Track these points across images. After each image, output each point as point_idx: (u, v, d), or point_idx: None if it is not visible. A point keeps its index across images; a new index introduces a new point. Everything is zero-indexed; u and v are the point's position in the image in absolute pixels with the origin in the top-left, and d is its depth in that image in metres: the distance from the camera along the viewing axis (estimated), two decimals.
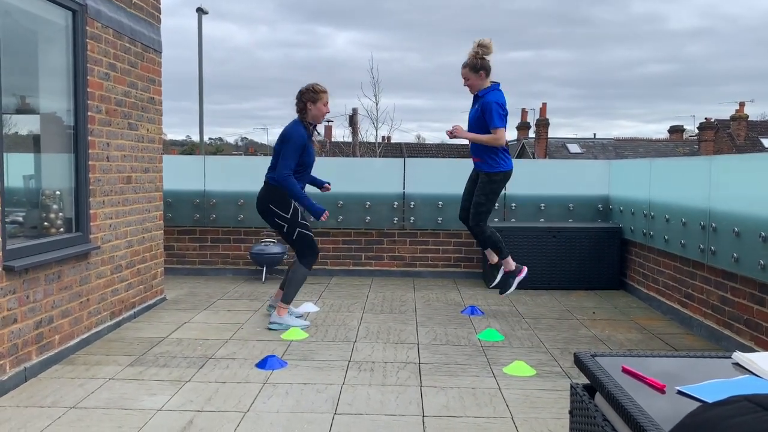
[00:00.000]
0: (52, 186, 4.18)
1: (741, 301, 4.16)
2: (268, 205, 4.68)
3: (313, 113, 4.70)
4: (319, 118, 4.76)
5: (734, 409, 0.80)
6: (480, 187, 4.82)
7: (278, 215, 4.67)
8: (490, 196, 4.82)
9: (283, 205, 4.65)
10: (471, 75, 4.69)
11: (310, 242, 4.75)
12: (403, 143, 39.67)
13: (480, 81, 4.69)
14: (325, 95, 4.72)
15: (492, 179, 4.78)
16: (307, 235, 4.73)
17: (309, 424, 2.98)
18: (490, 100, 4.62)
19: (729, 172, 4.35)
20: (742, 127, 31.82)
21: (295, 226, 4.68)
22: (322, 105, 4.70)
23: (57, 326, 3.90)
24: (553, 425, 3.00)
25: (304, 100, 4.68)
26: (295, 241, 4.72)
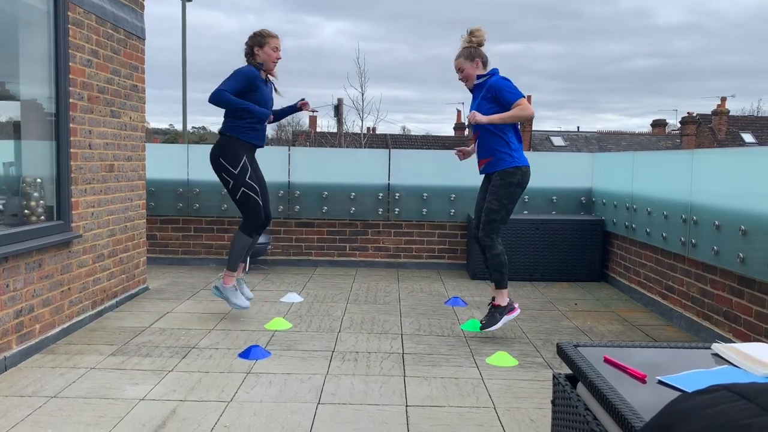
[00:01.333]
0: (32, 173, 4.13)
1: (720, 294, 4.22)
2: (218, 158, 4.40)
3: (261, 57, 4.40)
4: (269, 63, 4.43)
5: (714, 398, 0.81)
6: (492, 191, 4.15)
7: (226, 170, 4.38)
8: (504, 201, 4.13)
9: (234, 159, 4.36)
10: (466, 64, 4.25)
11: (255, 206, 4.44)
12: (388, 134, 39.63)
13: (476, 70, 4.25)
14: (273, 39, 4.41)
15: (506, 180, 4.12)
16: (252, 198, 4.42)
17: (292, 414, 2.98)
18: (495, 80, 4.17)
19: (711, 166, 4.40)
20: (724, 121, 32.19)
21: (240, 185, 4.38)
22: (270, 50, 4.39)
23: (38, 315, 3.86)
24: (535, 415, 3.03)
25: (250, 44, 4.41)
26: (239, 201, 4.44)
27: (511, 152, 4.14)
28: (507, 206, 4.16)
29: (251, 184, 4.41)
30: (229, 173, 4.38)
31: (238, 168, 4.37)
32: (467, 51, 4.26)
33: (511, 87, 4.13)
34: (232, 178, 4.38)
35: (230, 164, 4.37)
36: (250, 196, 4.42)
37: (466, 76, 4.29)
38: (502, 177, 4.13)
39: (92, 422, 2.85)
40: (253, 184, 4.43)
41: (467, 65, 4.26)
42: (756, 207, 3.76)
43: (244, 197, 4.41)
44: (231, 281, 4.58)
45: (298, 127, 42.41)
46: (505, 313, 4.27)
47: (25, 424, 2.82)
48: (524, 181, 4.19)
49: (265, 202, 4.59)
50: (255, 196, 4.43)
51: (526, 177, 4.18)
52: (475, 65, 4.25)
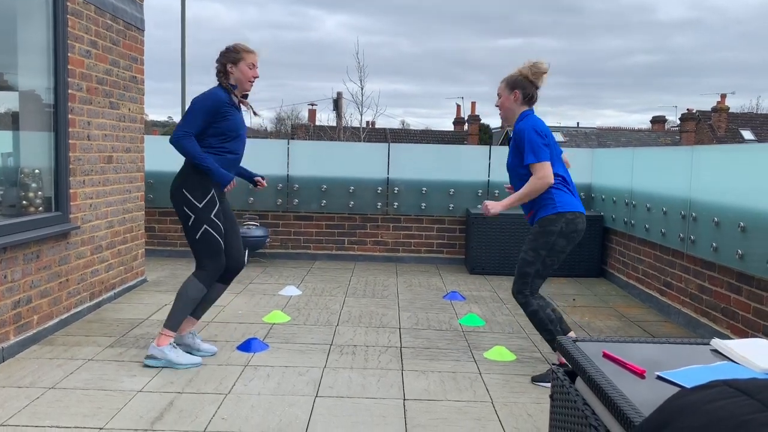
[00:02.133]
0: (31, 164, 4.11)
1: (718, 290, 4.22)
2: (180, 188, 3.59)
3: (235, 76, 3.64)
4: (244, 82, 3.67)
5: (714, 394, 0.80)
6: (529, 239, 3.57)
7: (189, 203, 3.55)
8: (541, 252, 3.50)
9: (198, 192, 3.55)
10: (504, 91, 3.65)
11: (216, 249, 3.58)
12: (387, 128, 39.59)
13: (512, 104, 3.62)
14: (250, 55, 3.67)
15: (546, 229, 3.49)
16: (215, 239, 3.56)
17: (290, 407, 2.99)
18: (523, 127, 3.53)
19: (710, 162, 4.40)
20: (723, 118, 32.18)
21: (202, 222, 3.53)
22: (246, 66, 3.64)
23: (35, 306, 3.86)
24: (532, 409, 3.03)
25: (222, 61, 3.66)
26: (197, 242, 3.55)
27: (549, 197, 3.50)
28: (545, 258, 3.51)
29: (215, 222, 3.58)
30: (192, 207, 3.55)
31: (203, 202, 3.56)
32: (512, 78, 3.67)
33: (535, 142, 3.46)
34: (194, 213, 3.54)
35: (193, 197, 3.55)
36: (212, 237, 3.56)
37: (501, 105, 3.71)
38: (541, 225, 3.53)
39: (90, 413, 2.85)
40: (218, 223, 3.60)
41: (505, 93, 3.66)
42: (755, 204, 3.76)
43: (205, 238, 3.54)
44: (167, 341, 3.55)
45: (297, 120, 42.34)
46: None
47: (23, 415, 2.82)
48: (569, 231, 3.48)
49: (234, 247, 3.76)
50: (218, 237, 3.58)
51: (572, 225, 3.48)
52: (513, 97, 3.62)
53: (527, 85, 3.60)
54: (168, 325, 3.56)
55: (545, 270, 3.53)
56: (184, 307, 3.58)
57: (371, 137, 32.04)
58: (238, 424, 2.78)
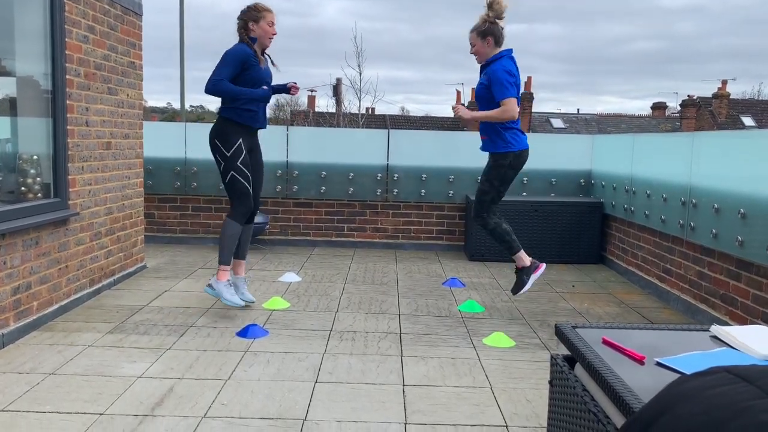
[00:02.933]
0: (29, 150, 4.10)
1: (718, 277, 4.23)
2: (214, 140, 4.21)
3: (256, 33, 4.15)
4: (265, 39, 4.18)
5: (714, 380, 0.80)
6: (485, 172, 4.29)
7: (220, 151, 4.18)
8: (495, 182, 4.23)
9: (227, 142, 4.15)
10: (477, 41, 4.16)
11: (243, 192, 4.20)
12: (387, 115, 39.47)
13: (487, 48, 4.16)
14: (269, 14, 4.18)
15: (498, 162, 4.21)
16: (240, 183, 4.18)
17: (290, 392, 3.00)
18: (495, 68, 4.09)
19: (711, 148, 4.39)
20: (724, 105, 32.09)
21: (230, 169, 4.16)
22: (266, 24, 4.15)
23: (35, 292, 3.86)
24: (531, 395, 3.04)
25: (244, 18, 4.15)
26: (227, 186, 4.23)
27: (505, 136, 4.17)
28: (498, 187, 4.26)
29: (241, 169, 4.17)
30: (222, 155, 4.18)
31: (231, 150, 4.15)
32: (481, 27, 4.16)
33: (506, 81, 4.05)
34: (223, 160, 4.18)
35: (223, 146, 4.17)
36: (238, 181, 4.18)
37: (476, 52, 4.22)
38: (495, 159, 4.24)
39: (90, 399, 2.86)
40: (244, 169, 4.19)
41: (479, 42, 4.17)
42: (755, 190, 3.76)
43: (232, 181, 4.18)
44: (225, 276, 4.23)
45: (296, 107, 42.20)
46: (532, 272, 4.33)
47: (23, 401, 2.83)
48: (517, 163, 4.22)
49: (255, 190, 4.36)
50: (243, 182, 4.19)
51: (519, 159, 4.21)
52: (486, 43, 4.15)
53: (495, 29, 4.15)
54: (221, 261, 4.24)
55: (498, 196, 4.30)
56: (227, 243, 4.24)
57: (370, 124, 31.95)
58: (238, 410, 2.79)
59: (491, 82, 4.10)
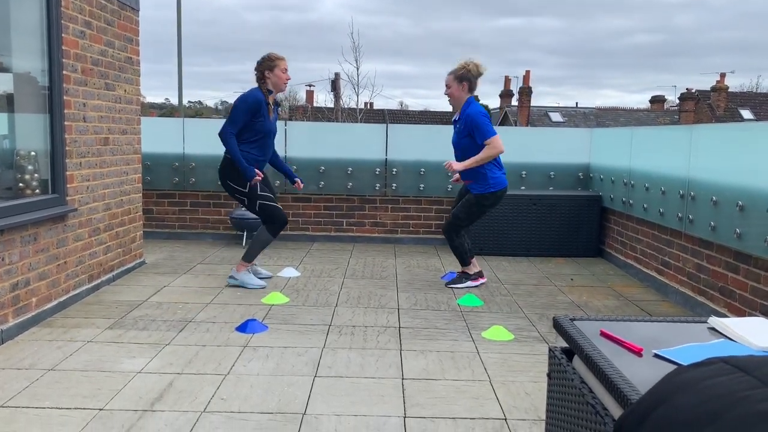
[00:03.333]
0: (27, 147, 4.09)
1: (716, 269, 4.23)
2: (226, 181, 4.70)
3: (272, 81, 4.68)
4: (280, 85, 4.72)
5: (712, 371, 0.80)
6: (465, 203, 4.80)
7: (237, 191, 4.68)
8: (472, 216, 4.83)
9: (239, 180, 4.63)
10: (453, 84, 4.71)
11: (273, 212, 4.73)
12: (386, 109, 39.41)
13: (460, 93, 4.71)
14: (281, 62, 4.68)
15: (480, 202, 4.77)
16: (269, 206, 4.71)
17: (289, 387, 3.00)
18: (471, 113, 4.63)
19: (709, 141, 4.39)
20: (722, 98, 32.05)
21: (255, 199, 4.67)
22: (280, 72, 4.67)
23: (34, 288, 3.86)
24: (530, 388, 3.05)
25: (261, 69, 4.66)
26: (259, 212, 4.75)
27: (488, 178, 4.71)
28: (473, 218, 4.87)
29: (264, 195, 4.70)
30: (241, 193, 4.68)
31: (248, 186, 4.64)
32: (459, 72, 4.69)
33: (484, 124, 4.59)
34: (245, 196, 4.68)
35: (239, 185, 4.65)
36: (267, 205, 4.71)
37: (450, 94, 4.76)
38: (477, 198, 4.77)
39: (89, 394, 2.86)
40: (266, 194, 4.72)
41: (455, 85, 4.71)
42: (754, 183, 3.76)
43: (263, 208, 4.70)
44: (243, 269, 4.82)
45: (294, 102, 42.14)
46: (471, 279, 4.98)
47: (23, 396, 2.83)
48: (496, 201, 4.82)
49: None
50: (271, 203, 4.73)
51: (499, 199, 4.80)
52: (461, 87, 4.71)
53: (471, 78, 4.69)
54: (245, 258, 4.83)
55: (470, 224, 4.91)
56: (258, 247, 4.83)
57: (369, 118, 31.90)
58: (237, 404, 2.79)
59: (471, 128, 4.62)
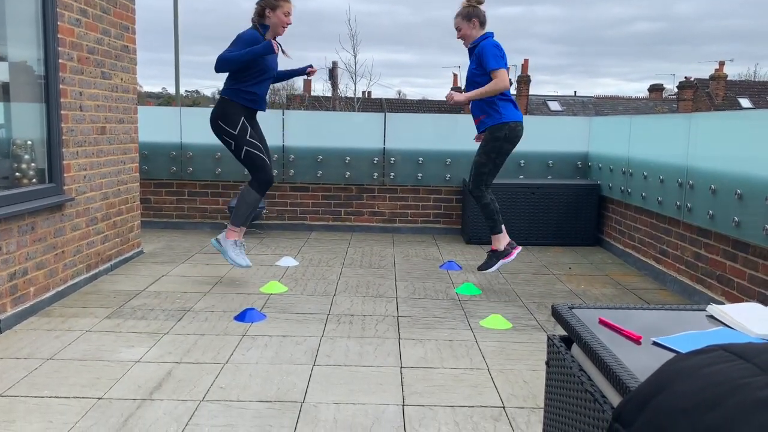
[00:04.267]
0: (23, 136, 4.07)
1: (714, 257, 4.24)
2: (216, 121, 4.40)
3: (271, 21, 4.32)
4: (278, 27, 4.34)
5: (711, 358, 0.79)
6: (482, 146, 4.46)
7: (226, 132, 4.39)
8: (492, 155, 4.40)
9: (231, 122, 4.36)
10: (463, 24, 4.42)
11: (260, 163, 4.45)
12: (383, 98, 39.30)
13: (473, 30, 4.41)
14: (287, 4, 4.33)
15: (494, 135, 4.37)
16: (256, 155, 4.42)
17: (288, 375, 3.00)
18: (484, 45, 4.33)
19: (708, 130, 4.38)
20: (721, 86, 32.00)
21: (242, 145, 4.39)
22: (282, 14, 4.31)
23: (32, 278, 3.85)
24: (528, 376, 3.06)
25: (262, 5, 4.32)
26: (244, 161, 4.47)
27: (498, 109, 4.36)
28: (494, 159, 4.43)
29: (253, 142, 4.42)
30: (230, 135, 4.39)
31: (237, 129, 4.37)
32: (465, 10, 4.41)
33: (495, 54, 4.28)
34: (232, 139, 4.40)
35: (228, 126, 4.37)
36: (254, 154, 4.43)
37: (463, 36, 4.46)
38: (491, 132, 4.40)
39: (88, 384, 2.86)
40: (255, 142, 4.44)
41: (464, 25, 4.42)
42: (752, 171, 3.75)
43: (249, 156, 4.42)
44: (233, 236, 4.56)
45: (292, 90, 41.98)
46: (502, 258, 4.60)
47: (21, 386, 2.83)
48: (512, 136, 4.39)
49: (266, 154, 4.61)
50: (259, 153, 4.44)
51: (514, 132, 4.38)
52: (472, 25, 4.40)
53: (479, 11, 4.40)
54: (233, 222, 4.56)
55: (495, 169, 4.47)
56: (245, 207, 4.52)
57: (367, 107, 31.82)
58: (236, 393, 2.80)
59: (481, 56, 4.31)
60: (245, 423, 2.54)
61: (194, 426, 2.50)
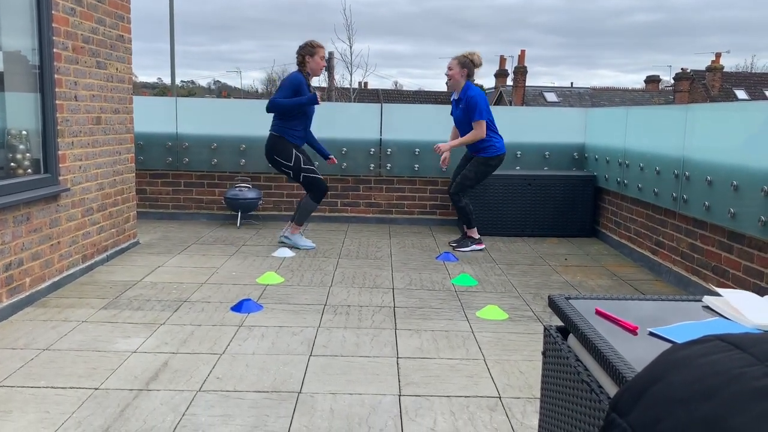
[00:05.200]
0: (18, 126, 4.05)
1: (710, 249, 4.25)
2: (273, 156, 5.31)
3: (311, 66, 5.30)
4: (317, 70, 5.35)
5: (707, 348, 0.79)
6: (473, 165, 5.44)
7: (284, 164, 5.30)
8: (479, 176, 5.47)
9: (286, 154, 5.27)
10: (456, 67, 5.33)
11: (317, 183, 5.38)
12: (380, 89, 39.19)
13: (460, 78, 5.36)
14: (321, 50, 5.32)
15: (488, 163, 5.43)
16: (312, 178, 5.36)
17: (285, 366, 3.01)
18: (473, 95, 5.28)
19: (704, 121, 4.38)
20: (717, 78, 31.98)
21: (300, 172, 5.31)
22: (319, 59, 5.30)
23: (27, 269, 3.84)
24: (524, 367, 3.07)
25: (302, 54, 5.30)
26: (304, 184, 5.41)
27: (493, 144, 5.41)
28: (479, 180, 5.52)
29: (308, 168, 5.33)
30: (287, 166, 5.31)
31: (293, 160, 5.28)
32: (463, 59, 5.36)
33: (480, 108, 5.27)
34: (290, 170, 5.32)
35: (285, 159, 5.29)
36: (311, 177, 5.35)
37: (451, 76, 5.41)
38: (485, 161, 5.44)
39: (85, 374, 2.86)
40: (310, 166, 5.37)
41: (457, 69, 5.36)
42: (748, 162, 3.76)
43: (308, 179, 5.35)
44: (297, 231, 5.51)
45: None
46: (475, 244, 5.61)
47: (18, 376, 2.83)
48: (499, 163, 5.52)
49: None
50: (315, 175, 5.37)
51: (501, 161, 5.51)
52: (462, 73, 5.37)
53: (471, 67, 5.40)
54: (297, 221, 5.53)
55: (477, 184, 5.59)
56: (305, 213, 5.54)
57: (363, 98, 31.72)
58: (233, 383, 2.80)
59: (469, 108, 5.29)
60: (242, 413, 2.54)
61: (191, 416, 2.51)
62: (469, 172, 5.46)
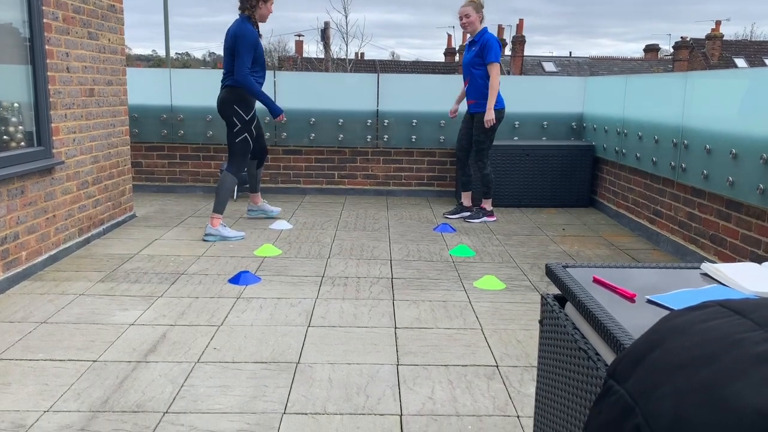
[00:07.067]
0: (9, 98, 3.99)
1: (708, 217, 4.24)
2: (232, 105, 4.76)
3: (261, 12, 4.78)
4: (266, 17, 4.86)
5: (707, 314, 0.78)
6: (478, 127, 5.41)
7: (238, 115, 4.77)
8: (490, 135, 5.41)
9: (247, 108, 4.81)
10: (473, 13, 5.27)
11: (247, 151, 4.90)
12: (377, 60, 38.80)
13: (477, 22, 5.31)
14: None
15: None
16: (249, 144, 4.88)
17: (283, 336, 3.02)
18: (489, 37, 5.29)
19: (704, 89, 4.34)
20: (717, 46, 31.71)
21: (244, 131, 4.82)
22: (270, 5, 4.83)
23: (23, 242, 3.83)
24: (521, 336, 3.08)
25: None
26: (236, 144, 4.83)
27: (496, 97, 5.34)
28: (490, 136, 5.44)
29: (253, 132, 4.91)
30: (241, 119, 4.79)
31: (249, 115, 4.84)
32: (476, 4, 5.30)
33: (497, 50, 5.25)
34: (240, 123, 4.80)
35: (243, 111, 4.80)
36: (248, 142, 4.87)
37: (469, 23, 5.33)
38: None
39: (83, 347, 2.87)
40: (254, 132, 4.95)
41: (473, 14, 5.29)
42: (746, 130, 3.73)
43: (243, 142, 4.84)
44: (218, 222, 4.81)
45: (284, 52, 41.37)
46: (487, 215, 5.61)
47: (16, 349, 2.83)
48: (501, 118, 5.45)
49: (263, 139, 5.26)
50: (251, 143, 4.91)
51: (502, 114, 5.47)
52: (479, 16, 5.32)
53: (482, 9, 5.36)
54: (216, 210, 4.81)
55: (491, 142, 5.49)
56: (225, 195, 4.83)
57: (359, 69, 31.43)
58: (231, 354, 2.81)
59: (485, 48, 5.25)
60: (241, 383, 2.55)
61: (190, 387, 2.52)
62: (478, 136, 5.43)
